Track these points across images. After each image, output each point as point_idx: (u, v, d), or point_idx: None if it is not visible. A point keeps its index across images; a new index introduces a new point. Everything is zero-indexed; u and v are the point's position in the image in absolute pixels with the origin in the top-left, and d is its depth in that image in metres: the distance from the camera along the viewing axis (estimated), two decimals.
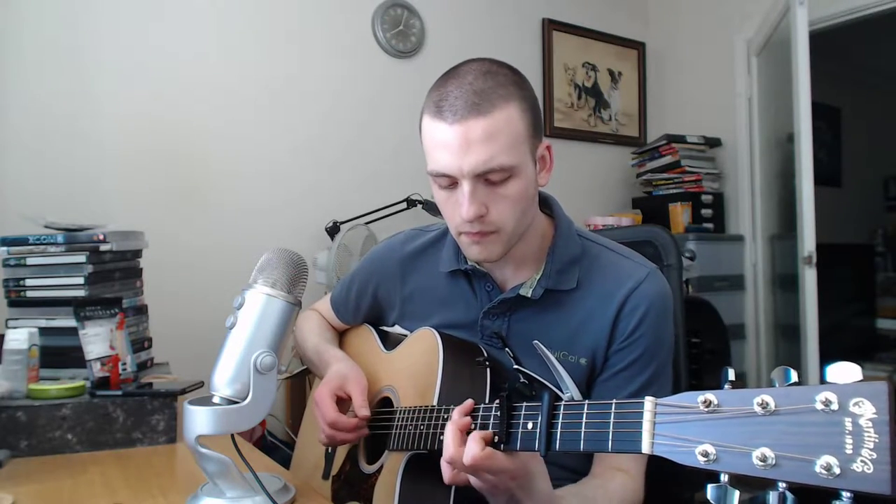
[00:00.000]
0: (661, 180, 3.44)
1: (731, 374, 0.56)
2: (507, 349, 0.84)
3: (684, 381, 1.19)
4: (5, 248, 1.39)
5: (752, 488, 0.56)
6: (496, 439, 0.77)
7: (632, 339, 0.98)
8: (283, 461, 1.26)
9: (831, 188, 4.76)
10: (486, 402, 0.91)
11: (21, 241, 1.39)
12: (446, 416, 0.87)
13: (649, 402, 0.60)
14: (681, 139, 3.36)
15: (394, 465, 0.96)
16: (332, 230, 2.58)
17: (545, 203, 1.08)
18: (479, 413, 0.82)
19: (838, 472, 0.47)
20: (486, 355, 1.00)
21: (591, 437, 0.66)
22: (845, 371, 0.49)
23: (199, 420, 0.82)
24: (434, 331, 1.04)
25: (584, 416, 0.67)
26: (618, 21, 3.65)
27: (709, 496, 0.53)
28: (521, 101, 0.91)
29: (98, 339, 1.21)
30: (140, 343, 1.50)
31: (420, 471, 0.93)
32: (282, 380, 2.37)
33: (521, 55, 3.29)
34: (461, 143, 0.88)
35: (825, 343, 2.64)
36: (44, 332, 1.28)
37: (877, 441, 0.46)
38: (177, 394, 1.17)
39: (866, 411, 0.47)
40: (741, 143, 3.38)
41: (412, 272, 1.16)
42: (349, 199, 2.71)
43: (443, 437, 0.84)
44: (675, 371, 1.10)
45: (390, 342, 1.19)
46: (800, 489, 0.49)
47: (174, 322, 1.88)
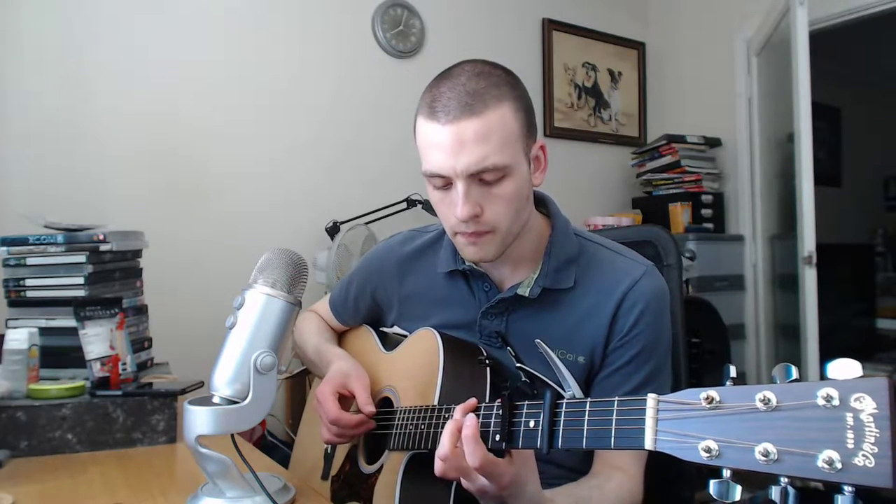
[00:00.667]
0: (661, 180, 3.44)
1: (733, 370, 0.56)
2: (509, 348, 0.84)
3: (684, 381, 1.19)
4: (5, 248, 1.39)
5: (752, 487, 0.56)
6: (498, 438, 0.77)
7: (630, 336, 0.98)
8: (283, 461, 1.26)
9: (831, 188, 4.76)
10: (487, 401, 0.91)
11: (21, 241, 1.39)
12: (447, 416, 0.87)
13: (651, 398, 0.60)
14: (681, 139, 3.36)
15: (394, 465, 0.96)
16: (332, 230, 2.58)
17: (541, 202, 1.08)
18: (480, 412, 0.82)
19: (840, 466, 0.47)
20: (486, 355, 1.00)
21: (593, 435, 0.66)
22: (846, 367, 0.49)
23: (199, 420, 0.82)
24: (434, 331, 1.04)
25: (587, 413, 0.68)
26: (618, 21, 3.66)
27: (711, 491, 0.53)
28: (514, 102, 0.91)
29: (98, 339, 1.21)
30: (140, 343, 1.50)
31: (420, 471, 0.93)
32: (282, 380, 2.37)
33: (521, 55, 3.29)
34: (454, 143, 0.88)
35: (825, 343, 2.63)
36: (44, 332, 1.28)
37: (878, 436, 0.46)
38: (177, 394, 1.17)
39: (867, 406, 0.47)
40: (741, 143, 3.38)
41: (410, 273, 1.16)
42: (349, 199, 2.71)
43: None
44: (675, 371, 1.10)
45: (389, 343, 1.19)
46: (809, 486, 0.49)
47: (174, 322, 1.88)
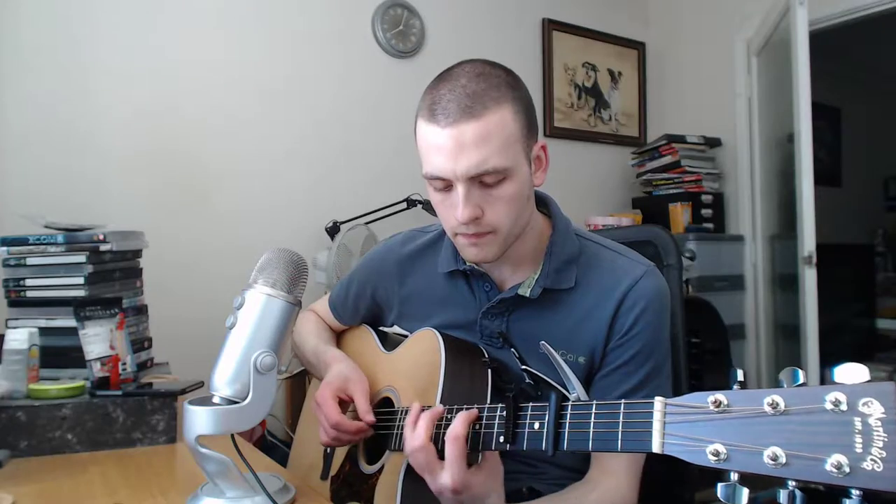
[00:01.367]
0: (661, 180, 3.44)
1: (740, 374, 0.56)
2: (513, 349, 0.84)
3: (684, 381, 1.19)
4: (5, 248, 1.39)
5: (754, 489, 0.56)
6: (502, 439, 0.77)
7: (629, 336, 0.98)
8: (283, 461, 1.26)
9: (831, 188, 4.76)
10: (488, 402, 0.90)
11: (21, 241, 1.39)
12: (449, 417, 0.86)
13: (659, 402, 0.60)
14: (681, 139, 3.36)
15: (395, 466, 0.96)
16: (332, 230, 2.58)
17: (542, 202, 1.08)
18: (483, 414, 0.81)
19: (848, 470, 0.47)
20: (487, 355, 0.99)
21: (599, 437, 0.66)
22: (853, 372, 0.49)
23: (199, 420, 0.82)
24: (435, 331, 1.03)
25: (593, 415, 0.67)
26: (618, 21, 3.65)
27: (719, 494, 0.53)
28: (514, 103, 0.91)
29: (98, 339, 1.21)
30: (140, 343, 1.50)
31: None
32: (282, 380, 2.37)
33: (521, 55, 3.29)
34: (454, 146, 0.88)
35: (825, 343, 2.64)
36: (44, 332, 1.27)
37: (886, 440, 0.46)
38: (177, 394, 1.17)
39: (875, 411, 0.47)
40: (741, 143, 3.38)
41: (410, 273, 1.16)
42: (349, 199, 2.71)
43: (445, 436, 0.84)
44: (675, 371, 1.10)
45: (389, 343, 1.19)
46: (810, 488, 0.49)
47: (174, 322, 1.88)
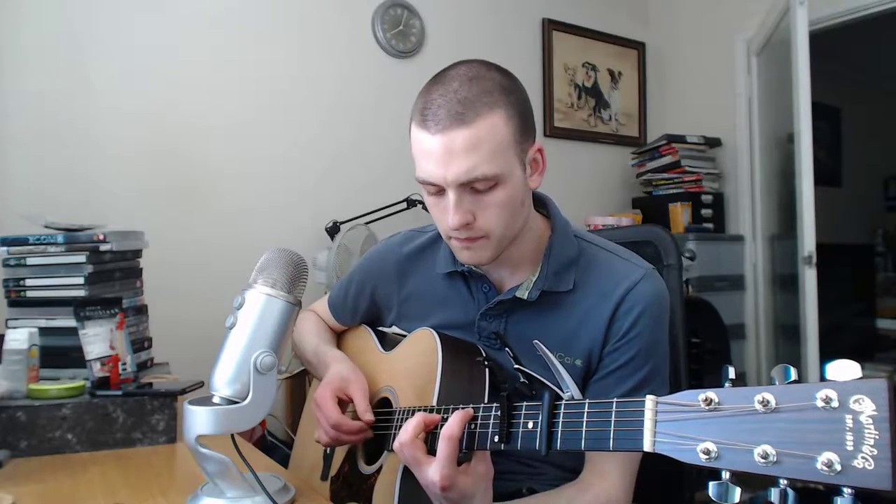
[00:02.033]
0: (661, 180, 3.44)
1: (732, 371, 0.56)
2: (508, 349, 0.84)
3: (684, 381, 1.19)
4: (5, 248, 1.39)
5: (753, 488, 0.56)
6: (497, 439, 0.77)
7: (626, 339, 0.97)
8: (283, 461, 1.26)
9: (831, 188, 4.76)
10: (486, 401, 0.91)
11: (21, 241, 1.39)
12: (445, 416, 0.87)
13: (650, 400, 0.60)
14: (681, 139, 3.36)
15: (393, 465, 0.96)
16: (332, 230, 2.58)
17: (541, 203, 1.07)
18: (479, 413, 0.81)
19: (839, 468, 0.47)
20: (485, 355, 0.99)
21: (592, 436, 0.66)
22: (845, 369, 0.49)
23: (199, 420, 0.82)
24: (433, 331, 1.03)
25: (585, 415, 0.67)
26: (618, 21, 3.65)
27: (710, 494, 0.53)
28: (506, 108, 0.89)
29: (98, 339, 1.21)
30: (140, 343, 1.50)
31: None
32: (282, 380, 2.37)
33: (521, 55, 3.29)
34: (444, 153, 0.88)
35: (825, 343, 2.63)
36: (44, 332, 1.28)
37: (877, 438, 0.46)
38: (177, 394, 1.17)
39: (866, 408, 0.47)
40: (741, 143, 3.38)
41: (410, 273, 1.16)
42: (349, 199, 2.71)
43: (440, 434, 0.84)
44: (675, 371, 1.10)
45: (388, 343, 1.19)
46: (809, 488, 0.49)
47: (174, 322, 1.88)
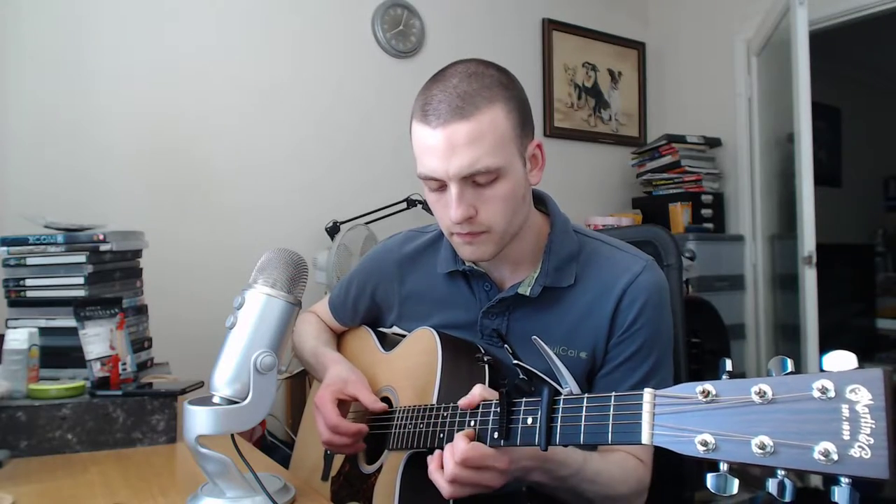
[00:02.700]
0: (661, 180, 3.44)
1: (729, 364, 0.56)
2: (506, 345, 0.84)
3: (684, 381, 1.19)
4: (5, 248, 1.39)
5: (753, 487, 0.56)
6: (496, 435, 0.77)
7: (631, 331, 0.98)
8: (283, 461, 1.26)
9: (831, 188, 4.76)
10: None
11: (21, 241, 1.39)
12: (445, 415, 0.87)
13: (648, 393, 0.60)
14: (681, 139, 3.36)
15: (393, 465, 0.96)
16: (332, 230, 2.58)
17: (540, 201, 1.08)
18: (478, 410, 0.82)
19: (836, 458, 0.47)
20: (484, 352, 1.00)
21: (590, 430, 0.66)
22: (841, 359, 0.49)
23: (199, 420, 0.82)
24: (432, 330, 1.04)
25: (584, 409, 0.68)
26: (618, 21, 3.66)
27: (709, 485, 0.53)
28: (506, 102, 0.91)
29: (98, 339, 1.21)
30: (140, 343, 1.50)
31: (420, 470, 0.93)
32: (282, 380, 2.37)
33: (521, 55, 3.30)
34: (446, 146, 0.89)
35: (825, 343, 2.63)
36: (44, 332, 1.28)
37: (874, 426, 0.46)
38: (177, 394, 1.17)
39: (862, 398, 0.47)
40: (741, 143, 3.38)
41: (410, 273, 1.16)
42: (349, 199, 2.71)
43: (442, 435, 0.85)
44: (676, 371, 1.10)
45: (388, 343, 1.19)
46: (810, 488, 0.49)
47: (174, 322, 1.88)
